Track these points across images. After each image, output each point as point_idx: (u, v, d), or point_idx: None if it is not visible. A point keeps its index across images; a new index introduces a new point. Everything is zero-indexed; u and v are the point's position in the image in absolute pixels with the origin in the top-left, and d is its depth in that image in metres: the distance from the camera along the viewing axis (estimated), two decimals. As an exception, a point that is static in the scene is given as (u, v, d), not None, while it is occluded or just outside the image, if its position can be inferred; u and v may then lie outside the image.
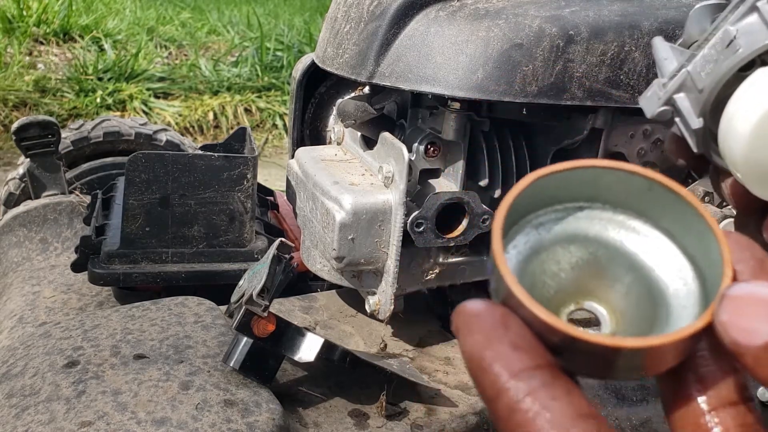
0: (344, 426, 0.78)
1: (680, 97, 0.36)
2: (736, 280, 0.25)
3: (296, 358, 0.78)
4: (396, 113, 0.98)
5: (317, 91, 1.13)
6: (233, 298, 0.81)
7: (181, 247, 1.06)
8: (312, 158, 0.97)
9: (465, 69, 0.76)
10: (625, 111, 0.86)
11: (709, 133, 0.36)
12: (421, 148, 0.87)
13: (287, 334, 0.78)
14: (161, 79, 3.75)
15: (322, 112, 1.15)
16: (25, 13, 4.00)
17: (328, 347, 0.79)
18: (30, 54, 3.80)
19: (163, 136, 1.69)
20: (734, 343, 0.23)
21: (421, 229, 0.85)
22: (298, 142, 1.12)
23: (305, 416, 0.79)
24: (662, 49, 0.37)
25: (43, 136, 1.30)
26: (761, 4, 0.32)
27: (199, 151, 1.36)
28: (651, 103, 0.37)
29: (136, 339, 0.83)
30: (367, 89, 1.03)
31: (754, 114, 0.32)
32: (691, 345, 0.25)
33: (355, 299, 1.06)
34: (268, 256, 0.78)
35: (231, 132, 1.38)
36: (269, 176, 2.91)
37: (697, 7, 0.37)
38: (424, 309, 1.09)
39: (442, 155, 0.89)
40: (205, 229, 1.06)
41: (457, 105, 0.83)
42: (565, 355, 0.25)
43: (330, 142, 1.11)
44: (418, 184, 0.89)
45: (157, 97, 3.61)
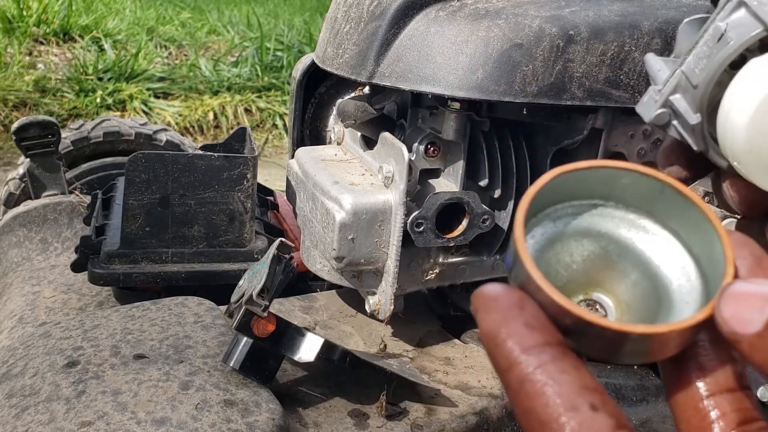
0: (344, 426, 0.78)
1: (676, 98, 0.36)
2: (737, 278, 0.27)
3: (296, 358, 0.78)
4: (396, 113, 0.98)
5: (317, 91, 1.13)
6: (233, 298, 0.81)
7: (181, 247, 1.06)
8: (312, 158, 0.97)
9: (465, 69, 0.76)
10: (625, 111, 0.86)
11: (708, 133, 0.37)
12: (421, 148, 0.87)
13: (287, 334, 0.78)
14: (161, 79, 3.75)
15: (322, 112, 1.15)
16: (25, 13, 4.00)
17: (328, 347, 0.79)
18: (30, 54, 3.80)
19: (163, 136, 1.69)
20: (732, 332, 0.25)
21: (421, 229, 0.85)
22: (298, 142, 1.12)
23: (305, 416, 0.79)
24: (655, 63, 0.38)
25: (43, 136, 1.30)
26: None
27: (199, 151, 1.36)
28: (648, 107, 0.38)
29: (136, 339, 0.83)
30: (367, 89, 1.03)
31: (750, 104, 0.32)
32: (693, 335, 0.27)
33: (355, 299, 1.06)
34: (268, 256, 0.78)
35: (231, 132, 1.38)
36: (269, 176, 2.91)
37: (686, 21, 0.38)
38: (424, 309, 1.09)
39: (442, 155, 0.89)
40: (205, 229, 1.06)
41: (457, 105, 0.83)
42: (575, 337, 0.27)
43: (330, 142, 1.10)
44: (418, 184, 0.89)
45: (157, 97, 3.61)
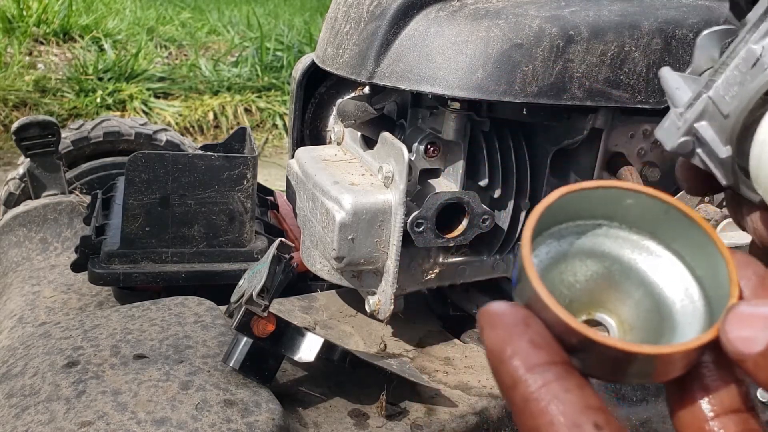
0: (344, 426, 0.78)
1: (702, 126, 0.33)
2: (741, 299, 0.27)
3: (296, 358, 0.78)
4: (396, 113, 0.98)
5: (317, 91, 1.13)
6: (233, 298, 0.81)
7: (181, 247, 1.06)
8: (312, 158, 0.97)
9: (465, 69, 0.76)
10: (625, 111, 0.86)
11: (738, 165, 0.33)
12: (421, 148, 0.87)
13: (287, 334, 0.78)
14: (161, 79, 3.75)
15: (322, 112, 1.15)
16: (25, 13, 4.00)
17: (328, 347, 0.79)
18: (30, 54, 3.80)
19: (163, 136, 1.69)
20: (736, 351, 0.25)
21: (421, 229, 0.85)
22: (298, 142, 1.12)
23: (305, 416, 0.79)
24: (672, 79, 0.35)
25: (43, 136, 1.30)
26: None
27: (199, 151, 1.36)
28: (670, 134, 0.34)
29: (136, 339, 0.83)
30: (367, 89, 1.03)
31: None
32: (698, 356, 0.27)
33: (355, 299, 1.06)
34: (268, 256, 0.78)
35: (231, 132, 1.38)
36: (269, 176, 2.91)
37: (705, 34, 0.35)
38: (424, 309, 1.09)
39: (442, 155, 0.89)
40: (205, 229, 1.06)
41: (457, 105, 0.83)
42: (580, 356, 0.26)
43: (330, 142, 1.10)
44: (418, 184, 0.89)
45: (157, 97, 3.61)
